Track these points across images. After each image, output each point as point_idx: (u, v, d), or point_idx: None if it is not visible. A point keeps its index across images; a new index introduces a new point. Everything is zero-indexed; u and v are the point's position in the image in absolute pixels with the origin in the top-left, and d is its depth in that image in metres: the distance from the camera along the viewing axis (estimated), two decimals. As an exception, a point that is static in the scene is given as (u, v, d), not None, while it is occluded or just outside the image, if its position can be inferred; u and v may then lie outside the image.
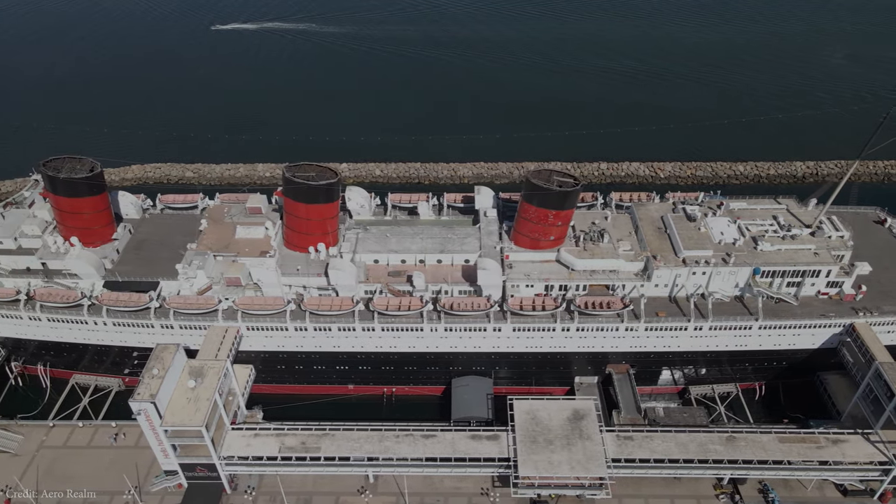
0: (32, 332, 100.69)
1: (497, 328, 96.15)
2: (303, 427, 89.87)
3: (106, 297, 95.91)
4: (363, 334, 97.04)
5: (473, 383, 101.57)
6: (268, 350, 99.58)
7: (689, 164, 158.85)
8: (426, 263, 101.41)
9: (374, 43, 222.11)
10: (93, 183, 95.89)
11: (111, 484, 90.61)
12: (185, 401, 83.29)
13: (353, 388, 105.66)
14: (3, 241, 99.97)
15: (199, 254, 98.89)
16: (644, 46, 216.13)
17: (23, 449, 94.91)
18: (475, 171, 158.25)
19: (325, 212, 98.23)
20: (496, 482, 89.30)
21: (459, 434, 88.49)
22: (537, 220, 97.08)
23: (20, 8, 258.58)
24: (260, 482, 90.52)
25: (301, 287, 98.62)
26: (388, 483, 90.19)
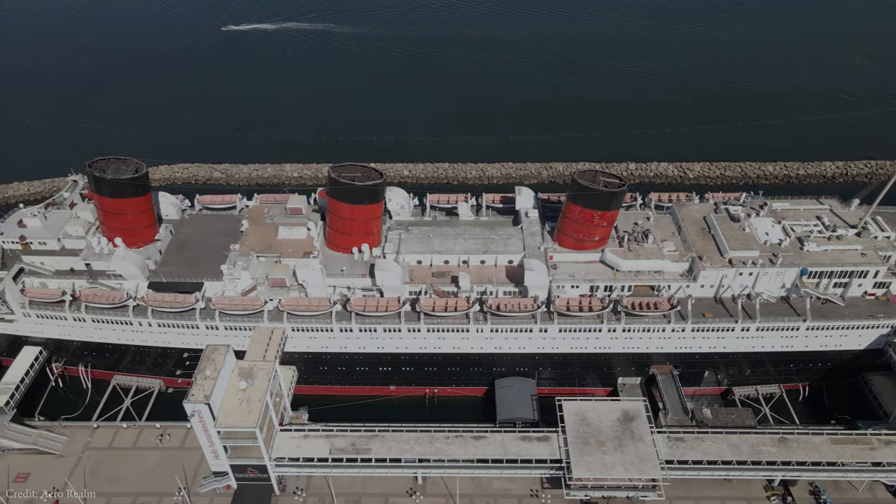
0: (76, 332, 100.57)
1: (543, 329, 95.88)
2: (351, 428, 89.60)
3: (151, 297, 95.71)
4: (408, 335, 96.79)
5: (517, 384, 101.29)
6: (311, 351, 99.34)
7: (717, 165, 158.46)
8: (469, 264, 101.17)
9: (389, 43, 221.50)
10: (138, 184, 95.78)
11: (158, 485, 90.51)
12: (237, 402, 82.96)
13: (394, 389, 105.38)
14: (46, 242, 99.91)
15: (242, 255, 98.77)
16: (666, 47, 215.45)
17: (68, 450, 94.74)
18: (503, 171, 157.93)
19: (369, 212, 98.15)
20: (545, 484, 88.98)
21: (509, 435, 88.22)
22: (582, 221, 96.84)
23: (30, 8, 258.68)
24: (308, 483, 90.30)
25: (345, 288, 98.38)
26: (436, 484, 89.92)
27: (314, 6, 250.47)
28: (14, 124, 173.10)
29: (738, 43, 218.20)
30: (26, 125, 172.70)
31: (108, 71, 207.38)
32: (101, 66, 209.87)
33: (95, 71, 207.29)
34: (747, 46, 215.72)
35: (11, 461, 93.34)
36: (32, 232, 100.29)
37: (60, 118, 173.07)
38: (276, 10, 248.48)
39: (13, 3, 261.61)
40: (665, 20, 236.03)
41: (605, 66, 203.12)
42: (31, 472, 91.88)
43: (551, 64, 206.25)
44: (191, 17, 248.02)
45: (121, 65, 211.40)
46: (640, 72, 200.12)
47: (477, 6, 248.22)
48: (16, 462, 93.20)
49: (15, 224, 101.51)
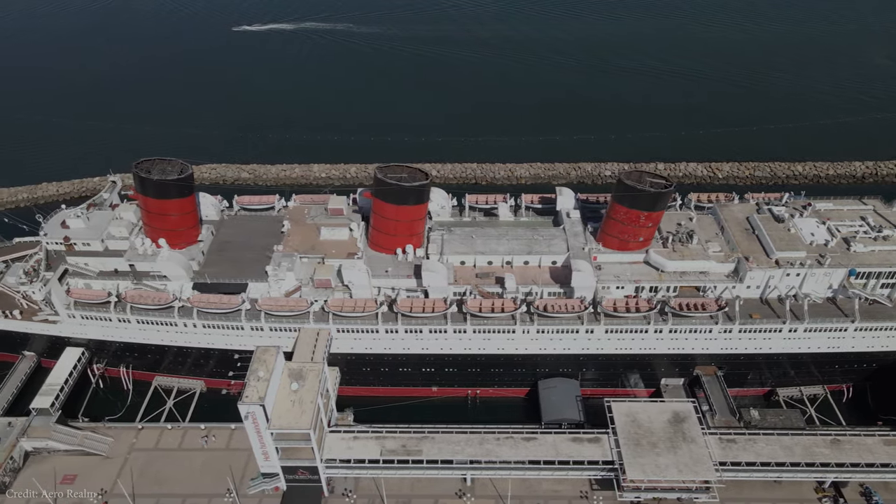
0: (119, 333, 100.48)
1: (589, 330, 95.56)
2: (401, 430, 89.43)
3: (197, 298, 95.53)
4: (453, 336, 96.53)
5: (561, 385, 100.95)
6: (354, 352, 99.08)
7: (746, 165, 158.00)
8: (513, 265, 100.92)
9: (402, 43, 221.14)
10: (183, 185, 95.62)
11: (206, 486, 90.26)
12: (289, 403, 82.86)
13: (436, 390, 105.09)
14: (90, 243, 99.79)
15: (286, 255, 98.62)
16: (690, 48, 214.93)
17: (114, 451, 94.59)
18: (532, 171, 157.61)
19: (414, 213, 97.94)
20: (594, 485, 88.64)
21: (560, 436, 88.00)
22: (628, 221, 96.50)
23: (43, 8, 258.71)
24: (356, 484, 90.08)
25: (389, 289, 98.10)
26: (484, 485, 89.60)
27: (325, 6, 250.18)
28: (37, 124, 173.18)
29: (762, 44, 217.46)
30: (50, 125, 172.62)
31: (125, 71, 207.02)
32: (119, 67, 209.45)
33: (114, 72, 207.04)
34: (771, 47, 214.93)
35: (58, 462, 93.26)
36: (76, 233, 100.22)
37: (85, 119, 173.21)
38: (287, 10, 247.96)
39: (29, 3, 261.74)
40: (690, 20, 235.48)
41: (629, 67, 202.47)
42: (77, 474, 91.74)
43: (574, 64, 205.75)
44: (201, 18, 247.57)
45: (137, 65, 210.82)
46: (663, 72, 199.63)
47: (495, 7, 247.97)
48: (62, 463, 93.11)
49: (58, 225, 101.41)
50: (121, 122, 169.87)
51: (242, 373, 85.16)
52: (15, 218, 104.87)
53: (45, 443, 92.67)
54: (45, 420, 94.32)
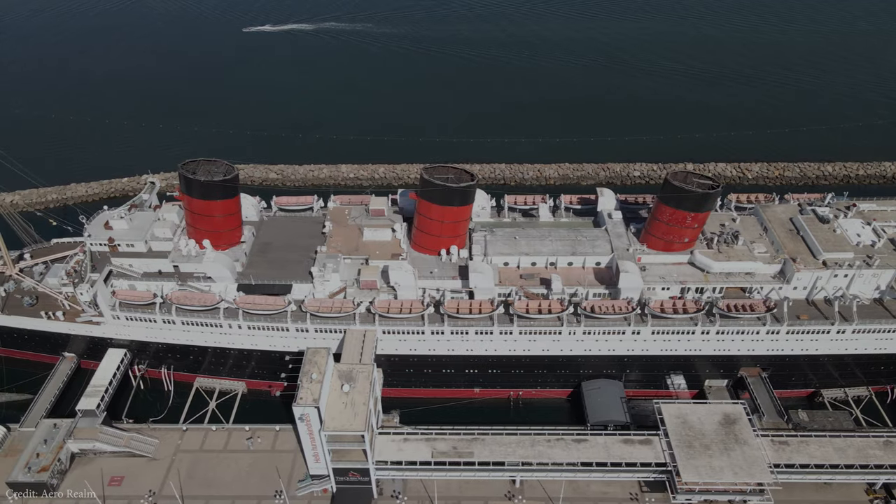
0: (163, 335, 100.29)
1: (636, 331, 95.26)
2: (450, 431, 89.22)
3: (243, 300, 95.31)
4: (499, 337, 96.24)
5: (605, 386, 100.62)
6: (398, 353, 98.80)
7: (776, 165, 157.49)
8: (557, 266, 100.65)
9: (430, 44, 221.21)
10: (228, 185, 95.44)
11: (254, 488, 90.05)
12: (341, 405, 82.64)
13: (479, 391, 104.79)
14: (134, 244, 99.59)
15: (330, 256, 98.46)
16: (718, 49, 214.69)
17: (159, 453, 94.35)
18: (560, 171, 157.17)
19: (459, 214, 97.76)
20: (644, 487, 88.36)
21: (611, 438, 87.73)
22: (674, 222, 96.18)
23: (58, 8, 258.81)
24: (404, 486, 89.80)
25: (434, 290, 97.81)
26: (533, 488, 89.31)
27: (336, 7, 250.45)
28: (61, 125, 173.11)
29: (790, 44, 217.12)
30: (74, 126, 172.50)
31: (145, 73, 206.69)
32: (138, 69, 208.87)
33: (134, 72, 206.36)
34: (798, 47, 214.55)
35: (104, 464, 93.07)
36: (119, 234, 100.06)
37: (110, 120, 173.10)
38: (298, 10, 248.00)
39: (48, 4, 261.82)
40: (717, 21, 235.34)
41: (653, 67, 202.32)
42: (125, 475, 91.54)
43: (601, 65, 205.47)
44: (213, 19, 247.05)
45: (153, 67, 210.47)
46: (690, 73, 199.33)
47: (517, 6, 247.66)
48: (109, 465, 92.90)
49: (101, 226, 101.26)
50: (145, 123, 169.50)
51: (294, 374, 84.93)
52: (59, 218, 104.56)
53: (92, 444, 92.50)
54: (90, 422, 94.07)
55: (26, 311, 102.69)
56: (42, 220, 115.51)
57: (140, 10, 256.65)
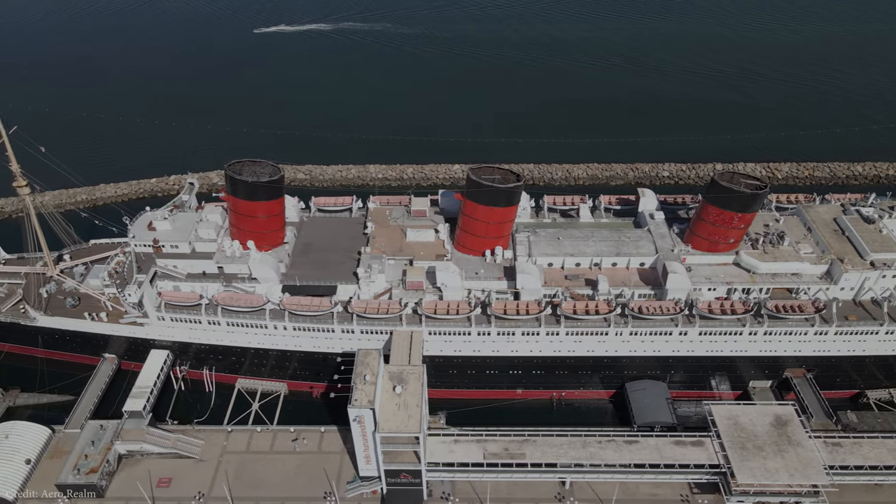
0: (207, 336, 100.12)
1: (683, 332, 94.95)
2: (500, 433, 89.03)
3: (289, 301, 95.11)
4: (545, 338, 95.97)
5: (650, 387, 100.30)
6: (443, 354, 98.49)
7: (805, 165, 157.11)
8: (601, 267, 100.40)
9: (449, 44, 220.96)
10: (274, 186, 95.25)
11: (302, 489, 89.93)
12: (394, 407, 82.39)
13: (521, 392, 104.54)
14: (178, 245, 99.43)
15: (375, 257, 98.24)
16: (740, 48, 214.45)
17: (206, 454, 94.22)
18: (589, 172, 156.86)
19: (505, 215, 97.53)
20: (694, 489, 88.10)
21: (663, 440, 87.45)
22: (719, 223, 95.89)
23: (73, 8, 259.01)
24: (453, 488, 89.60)
25: (479, 291, 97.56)
26: (582, 489, 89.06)
27: (349, 7, 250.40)
28: (88, 124, 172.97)
29: (819, 44, 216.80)
30: (99, 126, 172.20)
31: (159, 73, 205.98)
32: (152, 69, 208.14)
33: (149, 73, 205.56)
34: (827, 47, 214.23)
35: (151, 466, 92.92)
36: (163, 235, 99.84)
37: (128, 118, 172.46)
38: (309, 11, 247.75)
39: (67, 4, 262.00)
40: (744, 21, 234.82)
41: (677, 68, 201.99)
42: (173, 477, 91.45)
43: (626, 65, 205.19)
44: (223, 20, 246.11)
45: (167, 67, 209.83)
46: (716, 73, 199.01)
47: (543, 7, 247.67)
48: (156, 467, 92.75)
49: (144, 227, 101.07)
50: (175, 123, 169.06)
51: (347, 376, 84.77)
52: (103, 219, 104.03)
53: (140, 446, 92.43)
54: (137, 423, 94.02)
55: (69, 312, 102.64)
56: (80, 220, 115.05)
57: (152, 10, 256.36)
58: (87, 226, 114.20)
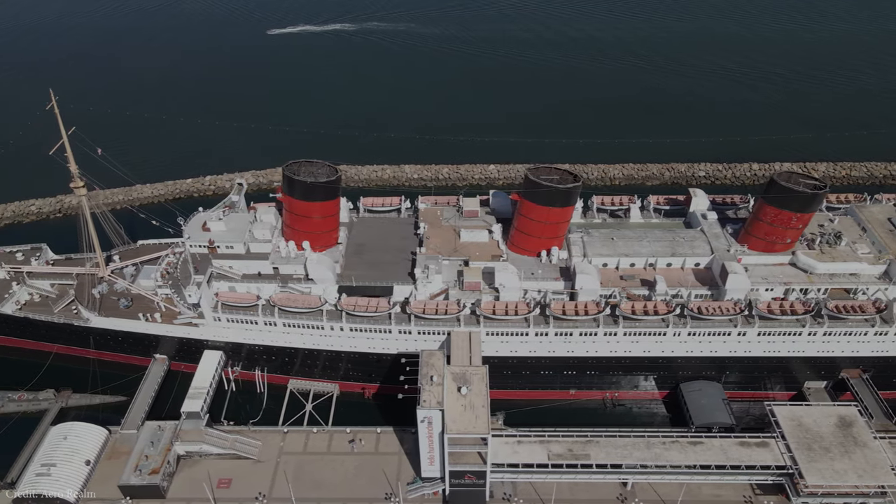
0: (262, 337, 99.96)
1: (742, 332, 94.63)
2: (563, 433, 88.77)
3: (346, 302, 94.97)
4: (603, 339, 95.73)
5: (706, 388, 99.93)
6: (499, 355, 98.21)
7: (842, 164, 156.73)
8: (656, 267, 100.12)
9: (475, 44, 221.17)
10: (332, 187, 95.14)
11: (363, 490, 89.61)
12: (460, 408, 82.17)
13: (574, 392, 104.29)
14: (233, 246, 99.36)
15: (431, 258, 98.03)
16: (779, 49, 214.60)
17: (263, 455, 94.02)
18: (625, 172, 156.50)
19: (562, 215, 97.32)
20: (757, 490, 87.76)
21: (727, 441, 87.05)
22: (777, 223, 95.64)
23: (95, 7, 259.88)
24: (514, 489, 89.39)
25: (535, 291, 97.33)
26: (644, 490, 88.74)
27: (369, 7, 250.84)
28: (118, 126, 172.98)
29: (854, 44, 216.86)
30: (129, 127, 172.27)
31: (177, 72, 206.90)
32: (172, 68, 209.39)
33: (172, 73, 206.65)
34: (862, 47, 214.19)
35: (210, 466, 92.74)
36: (218, 236, 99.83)
37: (160, 118, 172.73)
38: (321, 11, 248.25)
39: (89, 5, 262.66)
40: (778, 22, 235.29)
41: (709, 68, 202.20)
42: (232, 478, 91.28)
43: (654, 66, 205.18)
44: (236, 21, 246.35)
45: (186, 66, 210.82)
46: (751, 74, 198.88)
47: (575, 7, 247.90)
48: (215, 467, 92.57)
49: (199, 228, 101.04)
50: (219, 122, 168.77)
51: (413, 377, 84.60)
52: (156, 218, 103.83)
53: (199, 447, 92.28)
54: (195, 424, 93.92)
55: (123, 312, 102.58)
56: (126, 220, 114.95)
57: (173, 10, 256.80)
58: (133, 226, 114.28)
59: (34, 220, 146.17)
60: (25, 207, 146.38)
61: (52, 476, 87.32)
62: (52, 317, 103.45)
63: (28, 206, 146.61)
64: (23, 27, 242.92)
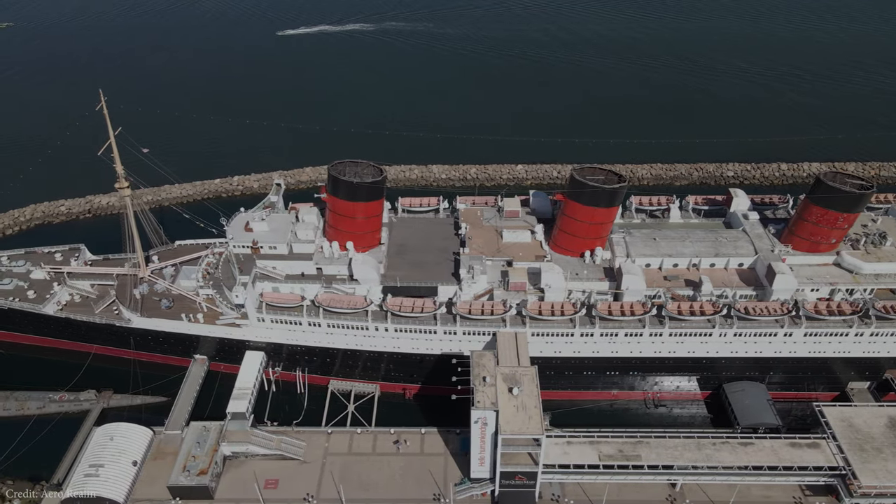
0: (305, 337, 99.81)
1: (788, 333, 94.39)
2: (612, 434, 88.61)
3: (392, 302, 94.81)
4: (648, 339, 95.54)
5: (749, 388, 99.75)
6: (543, 356, 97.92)
7: (870, 165, 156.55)
8: (699, 267, 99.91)
9: (499, 45, 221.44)
10: (376, 187, 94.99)
11: (411, 491, 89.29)
12: (512, 409, 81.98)
13: (615, 392, 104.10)
14: (276, 247, 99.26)
15: (475, 258, 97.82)
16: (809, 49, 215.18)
17: (308, 456, 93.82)
18: (653, 172, 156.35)
19: (607, 216, 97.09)
20: (807, 491, 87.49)
21: (778, 442, 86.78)
22: (823, 223, 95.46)
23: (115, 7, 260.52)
24: (562, 490, 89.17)
25: (580, 292, 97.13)
26: (692, 491, 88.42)
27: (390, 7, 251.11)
28: (146, 127, 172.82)
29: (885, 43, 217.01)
30: (159, 126, 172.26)
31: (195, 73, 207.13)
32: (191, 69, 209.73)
33: (187, 73, 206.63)
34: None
35: (256, 467, 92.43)
36: (261, 236, 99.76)
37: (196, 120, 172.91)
38: (332, 11, 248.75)
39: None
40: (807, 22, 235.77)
41: (742, 68, 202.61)
42: (279, 478, 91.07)
43: (685, 65, 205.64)
44: (246, 22, 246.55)
45: (201, 67, 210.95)
46: (777, 74, 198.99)
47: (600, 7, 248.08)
48: (261, 468, 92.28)
49: (241, 229, 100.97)
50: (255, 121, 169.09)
51: (465, 378, 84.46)
52: (202, 218, 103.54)
53: (246, 447, 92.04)
54: (240, 424, 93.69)
55: (165, 313, 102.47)
56: (163, 219, 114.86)
57: (188, 11, 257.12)
58: (166, 226, 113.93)
59: (64, 220, 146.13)
60: (55, 208, 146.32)
61: (100, 477, 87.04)
62: (94, 317, 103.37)
63: (57, 207, 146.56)
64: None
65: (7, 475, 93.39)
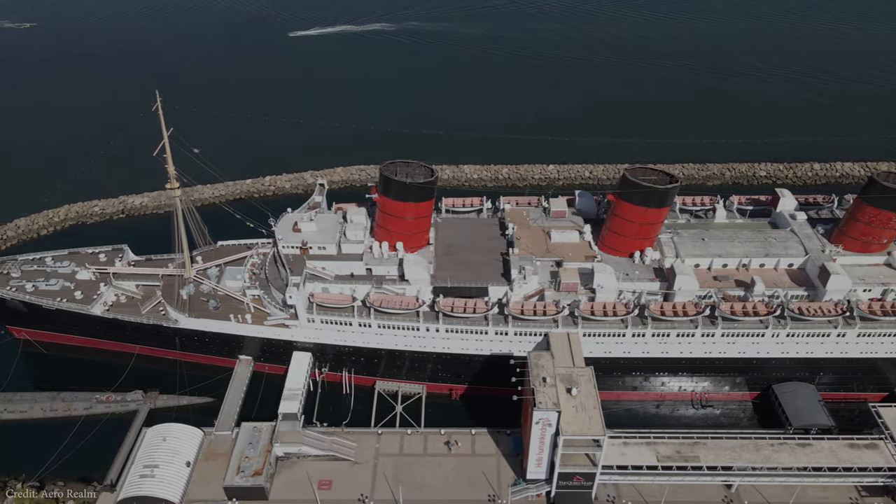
0: (354, 338, 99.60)
1: (841, 333, 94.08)
2: (669, 435, 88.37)
3: (444, 303, 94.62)
4: (699, 339, 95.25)
5: (799, 389, 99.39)
6: (592, 356, 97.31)
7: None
8: (749, 268, 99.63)
9: (515, 45, 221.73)
10: (427, 187, 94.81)
11: (465, 492, 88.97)
12: (572, 409, 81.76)
13: (664, 393, 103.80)
14: (325, 247, 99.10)
15: (526, 259, 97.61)
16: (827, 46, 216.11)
17: (360, 456, 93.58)
18: (685, 171, 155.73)
19: (657, 216, 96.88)
20: (863, 492, 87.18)
21: (836, 443, 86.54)
22: (876, 223, 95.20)
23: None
24: (617, 491, 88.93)
25: (630, 292, 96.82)
26: (747, 493, 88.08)
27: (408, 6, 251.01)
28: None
29: None
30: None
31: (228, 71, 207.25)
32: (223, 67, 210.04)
33: (215, 72, 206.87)
34: None
35: (308, 468, 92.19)
36: (310, 236, 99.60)
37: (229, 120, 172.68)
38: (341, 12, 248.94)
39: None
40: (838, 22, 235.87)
41: (773, 68, 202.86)
42: (332, 479, 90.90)
43: (712, 66, 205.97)
44: (257, 24, 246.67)
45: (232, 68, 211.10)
46: (808, 74, 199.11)
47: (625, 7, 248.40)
48: (313, 469, 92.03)
49: (289, 229, 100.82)
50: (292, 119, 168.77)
51: (522, 378, 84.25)
52: (250, 218, 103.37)
53: (298, 448, 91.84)
54: (291, 425, 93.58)
55: (212, 313, 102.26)
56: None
57: (206, 11, 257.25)
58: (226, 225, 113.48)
59: (97, 220, 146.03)
60: (88, 209, 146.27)
61: (155, 478, 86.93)
62: (141, 318, 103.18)
63: (91, 207, 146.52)
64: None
65: (58, 476, 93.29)
